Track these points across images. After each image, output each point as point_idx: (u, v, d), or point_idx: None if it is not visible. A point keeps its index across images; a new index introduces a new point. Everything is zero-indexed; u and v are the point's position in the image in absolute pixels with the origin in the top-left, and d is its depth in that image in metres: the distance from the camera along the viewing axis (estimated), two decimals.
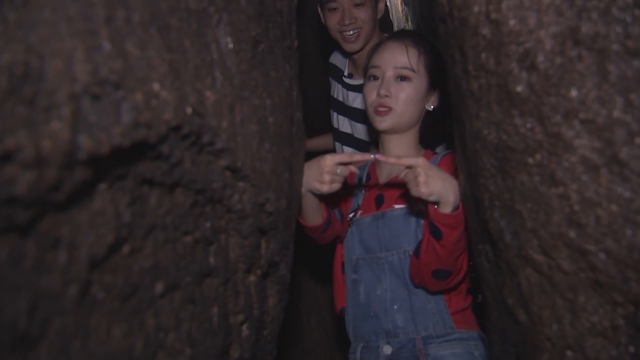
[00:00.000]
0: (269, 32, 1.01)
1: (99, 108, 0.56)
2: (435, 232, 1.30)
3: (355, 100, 2.17)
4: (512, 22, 0.81)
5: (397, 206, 1.50)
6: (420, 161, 1.28)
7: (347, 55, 2.19)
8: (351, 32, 2.00)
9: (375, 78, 1.55)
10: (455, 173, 1.44)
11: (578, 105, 0.76)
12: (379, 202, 1.55)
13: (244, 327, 0.94)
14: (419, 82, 1.52)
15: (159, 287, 0.70)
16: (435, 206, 1.28)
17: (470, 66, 0.90)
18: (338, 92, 2.27)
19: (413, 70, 1.50)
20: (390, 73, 1.51)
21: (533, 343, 0.90)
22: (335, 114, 2.28)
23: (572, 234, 0.80)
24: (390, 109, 1.50)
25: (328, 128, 2.39)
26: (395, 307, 1.45)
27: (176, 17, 0.74)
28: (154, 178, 0.68)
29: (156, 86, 0.66)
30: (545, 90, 0.78)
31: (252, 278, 0.95)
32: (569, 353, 0.84)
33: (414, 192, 1.27)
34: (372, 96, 1.54)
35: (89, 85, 0.54)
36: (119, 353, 0.63)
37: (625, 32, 0.69)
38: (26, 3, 0.48)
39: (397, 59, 1.52)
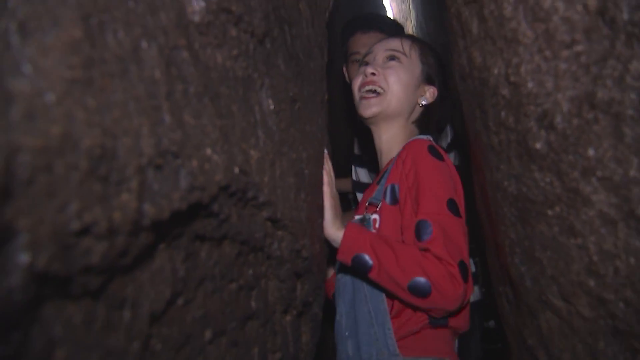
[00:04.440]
0: (304, 90, 1.01)
1: (160, 177, 0.56)
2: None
3: None
4: (530, 85, 0.80)
5: (357, 217, 1.26)
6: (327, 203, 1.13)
7: None
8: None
9: (365, 63, 1.34)
10: (412, 160, 1.15)
11: (595, 164, 0.74)
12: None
13: None
14: (411, 66, 1.30)
15: (208, 334, 0.70)
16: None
17: (491, 122, 0.89)
18: (357, 146, 2.27)
19: (404, 54, 1.30)
20: (381, 55, 1.31)
21: None
22: (354, 167, 2.27)
23: (592, 282, 0.77)
24: (378, 93, 1.27)
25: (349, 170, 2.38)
26: (347, 333, 1.19)
27: (225, 85, 0.75)
28: (205, 234, 0.68)
29: (209, 151, 0.66)
30: (563, 149, 0.77)
31: (288, 318, 0.93)
32: None
33: None
34: (358, 80, 1.31)
35: (153, 157, 0.54)
36: None
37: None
38: (103, 89, 0.49)
39: (389, 43, 1.33)
